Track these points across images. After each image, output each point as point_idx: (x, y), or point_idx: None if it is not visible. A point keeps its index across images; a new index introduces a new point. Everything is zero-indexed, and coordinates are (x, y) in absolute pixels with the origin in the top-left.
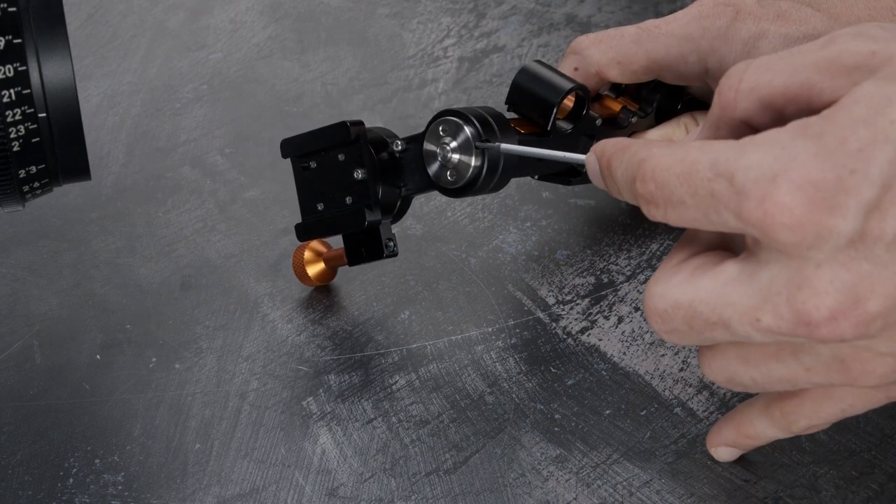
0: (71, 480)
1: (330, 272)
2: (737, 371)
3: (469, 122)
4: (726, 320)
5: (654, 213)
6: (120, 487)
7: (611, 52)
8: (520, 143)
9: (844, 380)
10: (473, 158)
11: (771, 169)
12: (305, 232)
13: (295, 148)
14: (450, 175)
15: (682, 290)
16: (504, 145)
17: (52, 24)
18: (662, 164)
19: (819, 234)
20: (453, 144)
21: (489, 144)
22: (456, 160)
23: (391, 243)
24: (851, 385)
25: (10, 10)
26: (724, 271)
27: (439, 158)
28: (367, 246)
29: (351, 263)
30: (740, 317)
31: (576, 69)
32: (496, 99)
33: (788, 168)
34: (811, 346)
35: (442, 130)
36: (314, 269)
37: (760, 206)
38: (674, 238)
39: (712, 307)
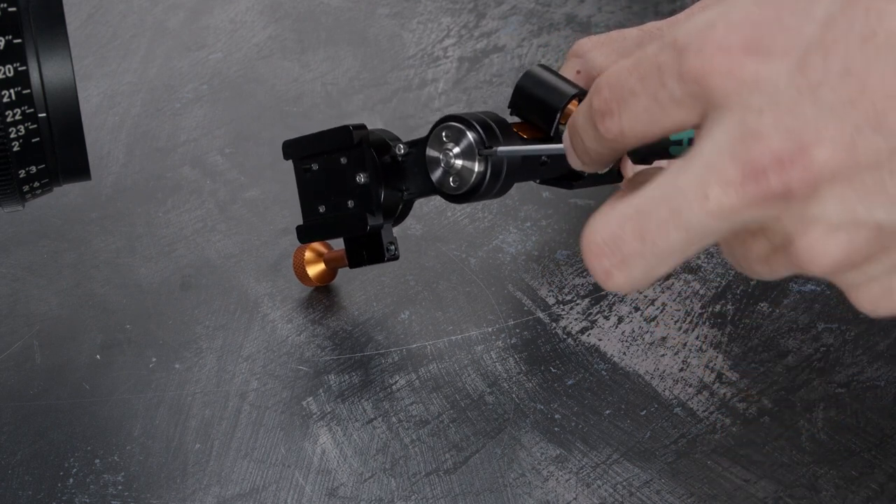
0: (71, 480)
1: (330, 273)
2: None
3: (472, 128)
4: (677, 211)
5: (609, 126)
6: (120, 487)
7: (614, 56)
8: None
9: (795, 265)
10: (477, 164)
11: (711, 19)
12: (306, 234)
13: (297, 150)
14: (453, 181)
15: (625, 205)
16: (501, 148)
17: (52, 24)
18: (614, 69)
19: (758, 76)
20: (456, 150)
21: (492, 151)
22: (459, 166)
23: (392, 247)
24: (803, 272)
25: (10, 10)
26: (668, 170)
27: (442, 164)
28: (368, 249)
29: (352, 266)
30: (689, 201)
31: (578, 72)
32: (496, 99)
33: (727, 13)
34: (760, 230)
35: (445, 136)
36: (314, 270)
37: (698, 55)
38: None
39: (660, 201)
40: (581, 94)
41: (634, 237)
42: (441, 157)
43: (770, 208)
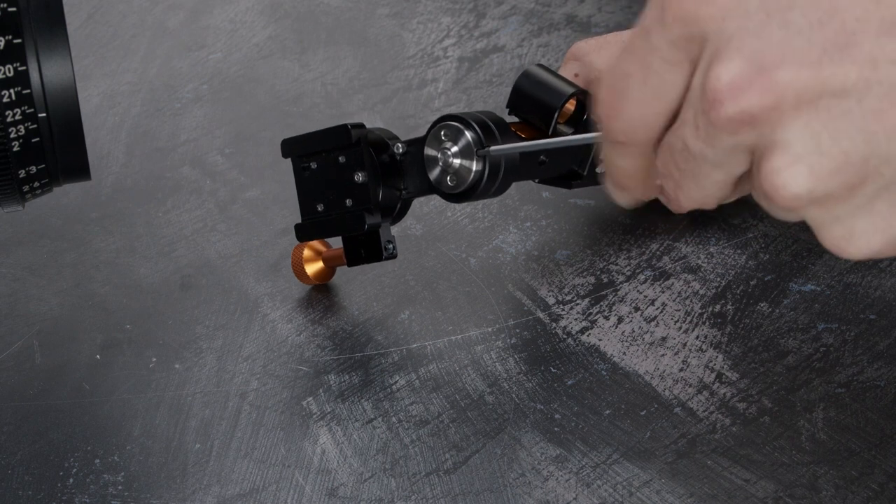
0: (71, 480)
1: (329, 271)
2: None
3: (470, 128)
4: (684, 141)
5: (616, 126)
6: (120, 487)
7: (612, 58)
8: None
9: (761, 193)
10: (474, 163)
11: None
12: (305, 232)
13: (295, 148)
14: (450, 180)
15: (664, 140)
16: (495, 147)
17: (52, 24)
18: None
19: (730, 2)
20: (454, 149)
21: (488, 150)
22: (457, 165)
23: (390, 245)
24: (767, 200)
25: (10, 10)
26: None
27: (440, 163)
28: (366, 248)
29: (350, 264)
30: (688, 130)
31: (576, 75)
32: (496, 99)
33: None
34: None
35: (443, 135)
36: (313, 268)
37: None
38: (673, 238)
39: (675, 133)
40: (579, 93)
41: (674, 165)
42: (439, 156)
43: (739, 134)
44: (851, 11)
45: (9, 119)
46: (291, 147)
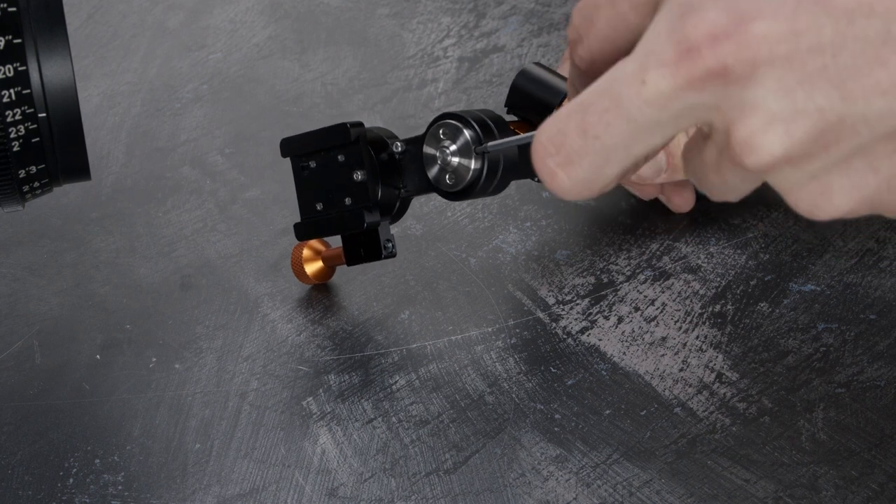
0: (71, 480)
1: (328, 271)
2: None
3: (468, 126)
4: (617, 100)
5: (581, 54)
6: (120, 487)
7: None
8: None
9: (736, 161)
10: (473, 161)
11: None
12: (304, 231)
13: (294, 147)
14: (449, 178)
15: (573, 101)
16: (492, 143)
17: (52, 24)
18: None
19: None
20: (453, 148)
21: (486, 147)
22: (455, 163)
23: (389, 244)
24: (739, 166)
25: (10, 10)
26: (617, 63)
27: (439, 162)
28: (365, 247)
29: (349, 263)
30: (628, 87)
31: None
32: (496, 99)
33: None
34: (710, 132)
35: (442, 133)
36: (312, 268)
37: None
38: (673, 238)
39: (602, 92)
40: None
41: (577, 132)
42: (438, 154)
43: (707, 91)
44: None
45: (9, 119)
46: (290, 146)
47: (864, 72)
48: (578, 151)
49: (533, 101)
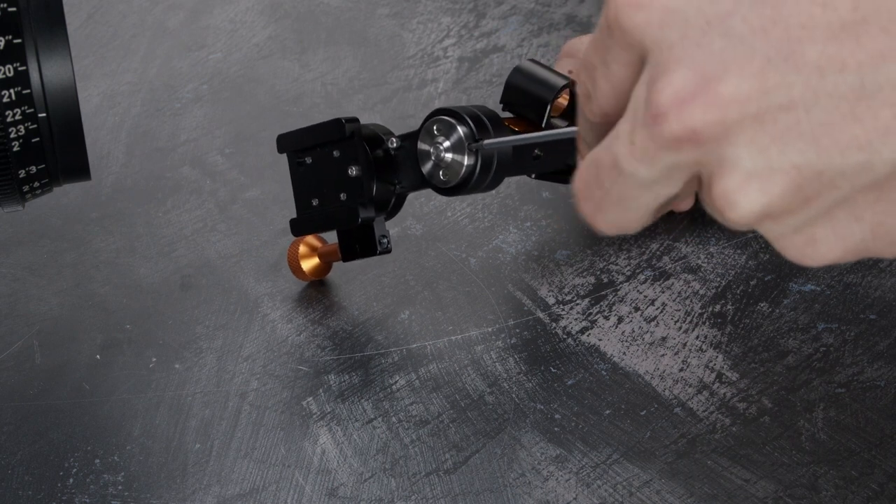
0: (71, 480)
1: (324, 267)
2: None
3: (462, 122)
4: (616, 158)
5: (592, 108)
6: (120, 487)
7: None
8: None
9: (717, 214)
10: (466, 158)
11: None
12: (300, 227)
13: (291, 143)
14: (442, 174)
15: (592, 152)
16: (488, 140)
17: (52, 24)
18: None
19: (668, 8)
20: (446, 144)
21: (480, 144)
22: (449, 159)
23: (385, 240)
24: (722, 221)
25: (10, 10)
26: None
27: (433, 158)
28: (361, 242)
29: (345, 259)
30: (622, 147)
31: (570, 72)
32: (496, 99)
33: None
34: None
35: (436, 129)
36: (308, 264)
37: (618, 1)
38: (673, 238)
39: (606, 148)
40: (571, 85)
41: (596, 185)
42: (432, 150)
43: (684, 152)
44: (796, 17)
45: (9, 119)
46: (287, 142)
47: (840, 128)
48: (602, 200)
49: (527, 96)
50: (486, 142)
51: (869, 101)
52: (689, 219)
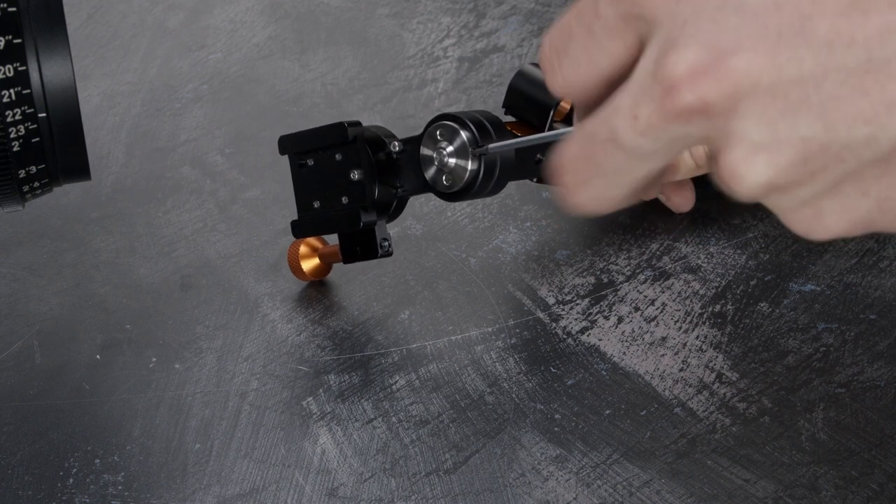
0: (71, 480)
1: (324, 267)
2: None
3: (465, 127)
4: (614, 131)
5: (553, 81)
6: (120, 487)
7: None
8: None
9: (724, 183)
10: (469, 163)
11: None
12: (301, 229)
13: (292, 145)
14: (445, 179)
15: (582, 126)
16: (493, 144)
17: (52, 24)
18: (556, 24)
19: None
20: (449, 149)
21: (485, 149)
22: (452, 164)
23: (386, 243)
24: (729, 192)
25: (10, 10)
26: (618, 91)
27: (436, 163)
28: (362, 245)
29: (346, 261)
30: (623, 121)
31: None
32: (496, 99)
33: None
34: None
35: (439, 134)
36: (309, 264)
37: None
38: (673, 238)
39: (602, 122)
40: None
41: (585, 158)
42: (434, 155)
43: (692, 124)
44: None
45: (9, 119)
46: (288, 143)
47: (847, 101)
48: (587, 174)
49: (530, 102)
50: (491, 146)
51: (876, 74)
52: (689, 219)
